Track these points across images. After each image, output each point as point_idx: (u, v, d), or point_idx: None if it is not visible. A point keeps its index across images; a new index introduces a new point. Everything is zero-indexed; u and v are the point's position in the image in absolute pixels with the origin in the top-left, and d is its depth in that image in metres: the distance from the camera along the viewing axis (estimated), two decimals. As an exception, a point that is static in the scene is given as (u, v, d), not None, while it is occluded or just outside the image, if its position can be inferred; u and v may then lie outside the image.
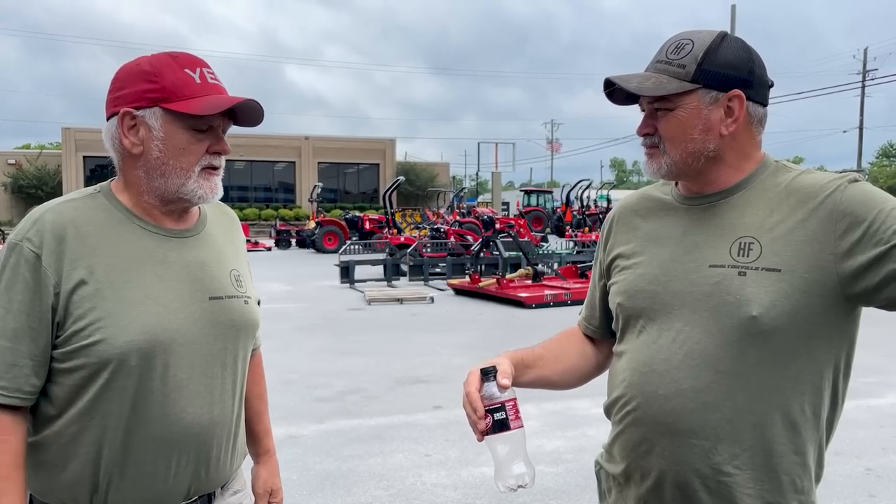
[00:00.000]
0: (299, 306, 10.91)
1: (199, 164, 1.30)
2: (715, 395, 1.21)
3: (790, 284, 1.17)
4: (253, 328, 1.44)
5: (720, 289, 1.21)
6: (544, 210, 34.31)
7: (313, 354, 7.46)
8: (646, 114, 1.30)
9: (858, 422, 4.93)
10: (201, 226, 1.42)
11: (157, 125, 1.27)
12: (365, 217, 26.45)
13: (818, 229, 1.17)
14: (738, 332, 1.19)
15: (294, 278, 15.18)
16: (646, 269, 1.33)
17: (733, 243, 1.23)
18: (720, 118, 1.24)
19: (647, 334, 1.30)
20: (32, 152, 41.33)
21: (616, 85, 1.28)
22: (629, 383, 1.31)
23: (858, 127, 42.03)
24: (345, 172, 43.52)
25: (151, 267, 1.29)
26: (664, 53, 1.27)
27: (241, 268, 1.45)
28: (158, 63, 1.28)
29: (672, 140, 1.26)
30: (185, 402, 1.29)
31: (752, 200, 1.25)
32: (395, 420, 5.13)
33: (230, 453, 1.40)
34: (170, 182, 1.29)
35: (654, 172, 1.31)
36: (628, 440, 1.31)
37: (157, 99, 1.26)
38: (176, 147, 1.28)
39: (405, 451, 4.49)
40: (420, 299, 11.57)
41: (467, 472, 4.13)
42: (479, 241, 14.32)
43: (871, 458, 4.32)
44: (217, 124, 1.31)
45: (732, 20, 24.78)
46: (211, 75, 1.31)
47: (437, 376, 6.45)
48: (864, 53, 42.80)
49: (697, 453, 1.22)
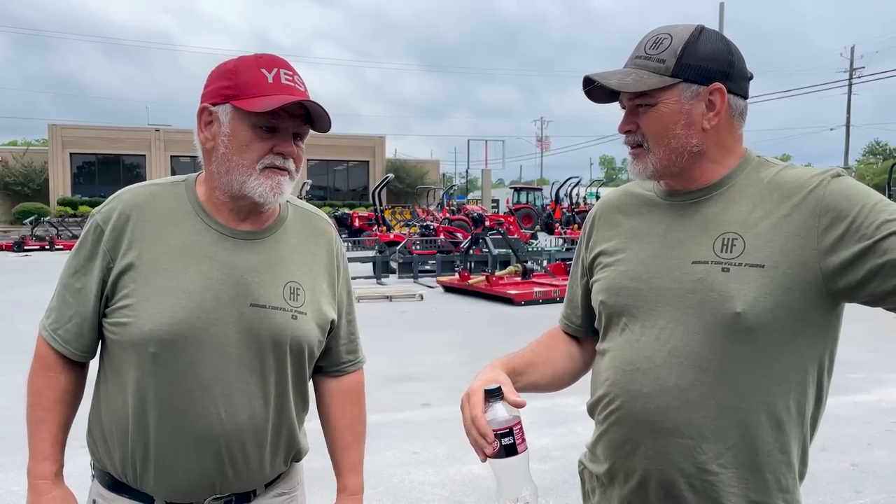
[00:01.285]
0: (288, 304, 10.85)
1: (261, 162, 1.30)
2: (699, 393, 1.20)
3: (774, 280, 1.16)
4: (297, 345, 1.38)
5: (703, 285, 1.20)
6: (534, 207, 34.33)
7: (302, 352, 7.42)
8: (626, 111, 1.29)
9: (844, 418, 4.96)
10: (270, 231, 1.40)
11: (225, 121, 1.30)
12: (354, 214, 26.40)
13: (801, 225, 1.16)
14: (722, 328, 1.18)
15: (283, 276, 15.09)
16: (628, 266, 1.31)
17: (716, 239, 1.21)
18: (702, 112, 1.23)
19: (630, 332, 1.28)
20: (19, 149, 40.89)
21: (596, 83, 1.27)
22: (612, 382, 1.29)
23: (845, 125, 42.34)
24: (334, 170, 43.39)
25: (197, 262, 1.31)
26: (643, 49, 1.26)
27: (306, 282, 1.40)
28: (241, 62, 1.32)
29: (655, 136, 1.24)
30: (208, 401, 1.29)
31: (736, 196, 1.24)
32: (383, 418, 5.11)
33: (263, 460, 1.38)
34: (234, 178, 1.31)
35: (640, 173, 1.29)
36: (612, 440, 1.30)
37: (230, 96, 1.29)
38: (239, 143, 1.29)
39: (393, 448, 4.48)
40: (409, 297, 11.55)
41: (455, 469, 4.12)
42: (469, 239, 14.32)
43: (857, 454, 4.34)
44: (286, 126, 1.31)
45: (721, 18, 24.88)
46: (288, 77, 1.31)
47: (427, 374, 6.44)
48: (850, 52, 43.11)
49: (682, 452, 1.21)
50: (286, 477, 1.48)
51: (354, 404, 1.56)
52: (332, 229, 1.54)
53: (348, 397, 1.55)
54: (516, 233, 20.69)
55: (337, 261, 1.50)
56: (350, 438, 1.54)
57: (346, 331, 1.53)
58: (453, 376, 6.32)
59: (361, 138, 44.38)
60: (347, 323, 1.54)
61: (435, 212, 27.79)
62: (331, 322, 1.46)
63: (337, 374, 1.53)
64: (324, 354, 1.50)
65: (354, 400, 1.56)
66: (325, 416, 1.54)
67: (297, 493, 1.52)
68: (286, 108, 1.27)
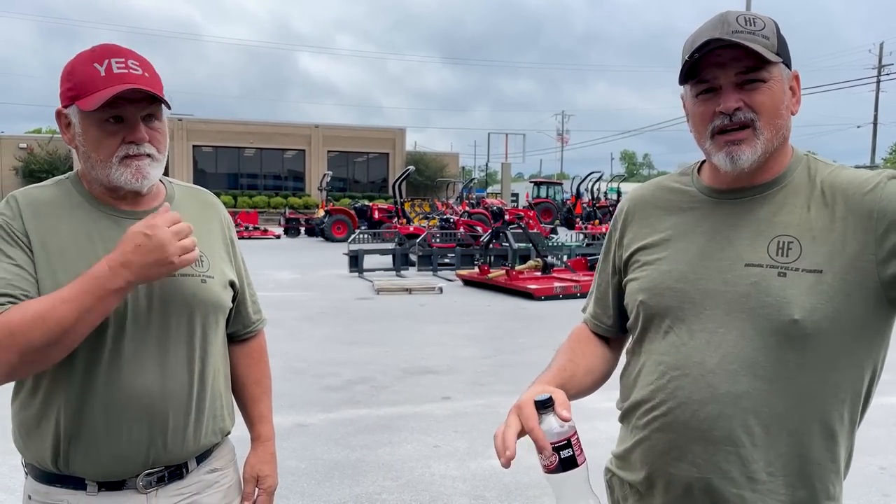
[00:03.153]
0: (308, 295, 10.89)
1: (116, 154, 1.32)
2: (753, 402, 1.15)
3: (832, 287, 1.12)
4: (210, 306, 1.44)
5: (758, 290, 1.15)
6: (554, 202, 34.19)
7: (321, 343, 7.45)
8: (727, 89, 1.17)
9: (871, 420, 4.84)
10: None
11: (76, 122, 1.33)
12: (374, 206, 26.43)
13: (858, 229, 1.12)
14: (778, 335, 1.13)
15: (302, 267, 15.18)
16: (672, 265, 1.25)
17: (771, 241, 1.17)
18: (790, 96, 1.20)
19: (676, 335, 1.22)
20: (44, 137, 41.41)
21: (704, 48, 1.14)
22: (656, 387, 1.23)
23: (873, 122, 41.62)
24: (354, 161, 43.49)
25: (102, 244, 1.33)
26: (736, 24, 1.15)
27: (206, 249, 1.47)
28: (77, 60, 1.33)
29: (768, 114, 1.16)
30: (132, 372, 1.33)
31: (789, 196, 1.19)
32: (403, 410, 5.11)
33: (193, 427, 1.42)
34: (99, 173, 1.34)
35: (749, 160, 1.17)
36: (653, 447, 1.24)
37: (73, 97, 1.31)
38: (92, 141, 1.32)
39: (414, 441, 4.47)
40: (429, 290, 11.54)
41: (476, 464, 4.11)
42: (489, 232, 14.27)
43: (884, 457, 4.26)
44: (130, 113, 1.31)
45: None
46: (120, 65, 1.30)
47: (446, 367, 6.42)
48: (879, 48, 42.33)
49: (732, 461, 1.16)
50: (217, 452, 1.52)
51: (260, 361, 1.69)
52: (218, 200, 1.63)
53: (254, 356, 1.68)
54: (536, 227, 20.61)
55: (228, 229, 1.59)
56: (259, 392, 1.68)
57: (249, 292, 1.64)
58: (473, 370, 6.30)
59: (382, 130, 44.41)
60: (248, 286, 1.64)
61: (454, 205, 27.75)
62: (233, 284, 1.53)
63: (248, 335, 1.65)
64: (237, 318, 1.60)
65: (260, 358, 1.69)
66: (235, 376, 1.64)
67: (229, 470, 1.56)
68: (126, 95, 1.28)
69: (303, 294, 10.94)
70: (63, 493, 1.35)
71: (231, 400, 1.58)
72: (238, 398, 1.67)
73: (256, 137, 40.49)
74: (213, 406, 1.48)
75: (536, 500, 3.63)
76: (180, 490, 1.43)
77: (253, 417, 1.68)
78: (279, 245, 22.51)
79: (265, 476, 1.64)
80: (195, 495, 1.46)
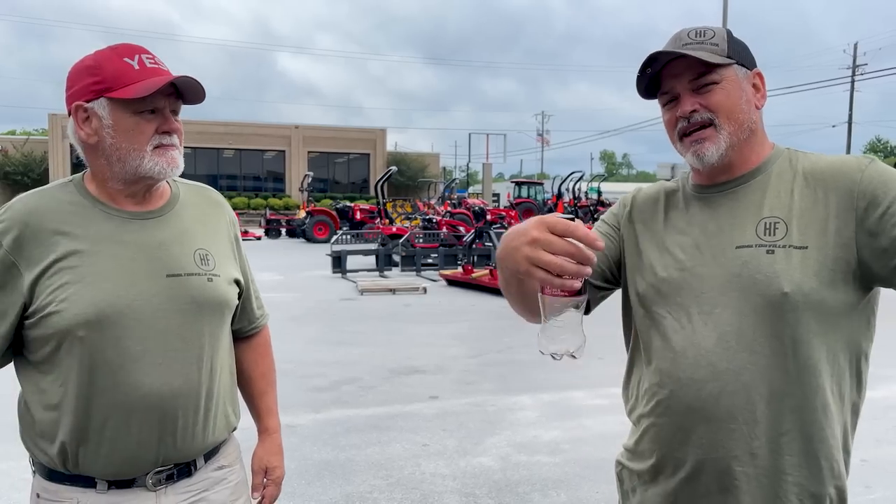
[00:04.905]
0: (291, 296, 10.87)
1: (151, 143, 1.36)
2: (751, 377, 1.19)
3: (818, 262, 1.17)
4: (218, 305, 1.46)
5: (749, 268, 1.20)
6: (535, 202, 34.30)
7: (307, 344, 7.43)
8: (684, 96, 1.28)
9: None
10: (168, 207, 1.47)
11: (105, 114, 1.34)
12: (356, 207, 26.36)
13: (840, 207, 1.19)
14: (770, 309, 1.18)
15: (285, 268, 15.11)
16: (669, 256, 1.31)
17: (758, 223, 1.23)
18: (752, 92, 1.29)
19: (675, 320, 1.27)
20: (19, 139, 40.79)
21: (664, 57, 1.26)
22: (660, 372, 1.28)
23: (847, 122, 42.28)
24: (335, 162, 43.32)
25: (108, 247, 1.36)
26: (687, 37, 1.28)
27: (212, 247, 1.49)
28: (99, 57, 1.36)
29: (726, 111, 1.26)
30: (140, 372, 1.34)
31: (773, 183, 1.26)
32: (391, 410, 5.12)
33: (202, 425, 1.44)
34: (128, 164, 1.36)
35: (714, 155, 1.25)
36: (660, 431, 1.29)
37: (102, 90, 1.33)
38: (125, 131, 1.35)
39: (402, 440, 4.49)
40: (413, 290, 11.55)
41: (465, 461, 4.13)
42: (472, 232, 14.31)
43: (865, 450, 4.35)
44: (162, 105, 1.37)
45: (724, 14, 24.81)
46: (150, 60, 1.37)
47: (433, 367, 6.44)
48: (853, 48, 43.00)
49: (736, 438, 1.20)
50: (224, 449, 1.54)
51: (266, 356, 1.74)
52: (224, 199, 1.65)
53: (260, 350, 1.72)
54: (518, 227, 20.65)
55: (233, 227, 1.62)
56: (265, 385, 1.72)
57: (253, 289, 1.69)
58: (459, 369, 6.32)
59: (362, 131, 44.29)
60: (252, 282, 1.68)
61: (436, 205, 27.75)
62: (238, 282, 1.56)
63: (253, 331, 1.69)
64: (242, 315, 1.64)
65: (265, 352, 1.74)
66: (241, 371, 1.67)
67: (236, 466, 1.58)
68: (160, 89, 1.33)
69: (286, 295, 10.92)
70: (73, 492, 1.36)
71: (237, 396, 1.60)
72: (245, 392, 1.70)
73: (236, 138, 40.17)
74: (222, 403, 1.50)
75: (526, 496, 3.66)
76: (189, 487, 1.44)
77: (260, 410, 1.71)
78: (260, 246, 22.36)
79: (274, 467, 1.68)
80: (203, 492, 1.47)
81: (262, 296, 1.77)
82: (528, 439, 4.53)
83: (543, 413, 5.05)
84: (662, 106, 1.32)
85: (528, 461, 4.15)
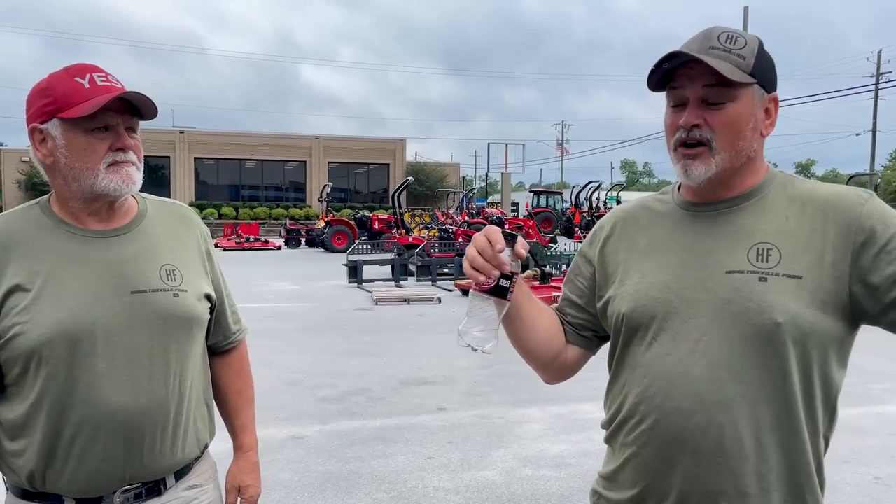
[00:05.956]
0: (306, 306, 10.89)
1: (104, 161, 1.36)
2: (740, 409, 1.14)
3: (811, 293, 1.13)
4: (185, 320, 1.45)
5: (740, 295, 1.15)
6: (553, 211, 34.20)
7: (319, 354, 7.45)
8: (692, 104, 1.19)
9: (866, 429, 4.86)
10: (135, 224, 1.47)
11: (58, 134, 1.35)
12: (374, 217, 26.46)
13: (837, 241, 1.14)
14: (761, 340, 1.13)
15: (302, 278, 15.19)
16: (655, 277, 1.25)
17: (751, 248, 1.17)
18: (762, 118, 1.21)
19: (660, 346, 1.21)
20: (45, 150, 41.47)
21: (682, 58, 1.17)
22: (642, 400, 1.22)
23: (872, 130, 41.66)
24: (355, 172, 43.56)
25: (71, 266, 1.36)
26: (716, 40, 1.17)
27: (180, 263, 1.48)
28: (52, 78, 1.37)
29: (728, 136, 1.17)
30: (107, 390, 1.34)
31: (767, 207, 1.21)
32: (398, 422, 5.11)
33: (171, 442, 1.43)
34: (83, 183, 1.36)
35: (702, 175, 1.19)
36: (643, 462, 1.22)
37: (54, 111, 1.34)
38: (78, 150, 1.35)
39: (408, 453, 4.47)
40: (427, 300, 11.54)
41: (470, 475, 4.10)
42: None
43: (879, 467, 4.25)
44: (115, 123, 1.37)
45: (745, 21, 24.63)
46: (102, 78, 1.37)
47: (442, 378, 6.42)
48: (877, 56, 42.44)
49: (724, 473, 1.15)
50: (197, 468, 1.52)
51: (241, 372, 1.71)
52: (194, 214, 1.63)
53: (235, 366, 1.70)
54: (535, 236, 20.62)
55: (205, 241, 1.60)
56: (240, 402, 1.70)
57: (228, 303, 1.66)
58: (469, 380, 6.30)
59: (382, 141, 44.51)
60: (227, 297, 1.66)
61: (454, 215, 27.78)
62: (209, 296, 1.54)
63: (228, 346, 1.67)
64: (216, 330, 1.62)
65: (241, 368, 1.71)
66: (217, 387, 1.65)
67: (209, 486, 1.56)
68: (111, 105, 1.33)
69: (301, 305, 10.94)
70: None
71: (211, 412, 1.59)
72: (221, 409, 1.69)
73: (258, 149, 40.58)
74: (192, 420, 1.49)
75: (529, 511, 3.62)
76: None
77: (235, 428, 1.69)
78: (280, 256, 22.52)
79: (247, 486, 1.66)
80: None
81: (278, 306, 1.76)
82: (535, 453, 4.49)
83: (551, 426, 5.01)
84: (669, 104, 1.24)
85: (533, 475, 4.11)
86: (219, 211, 37.69)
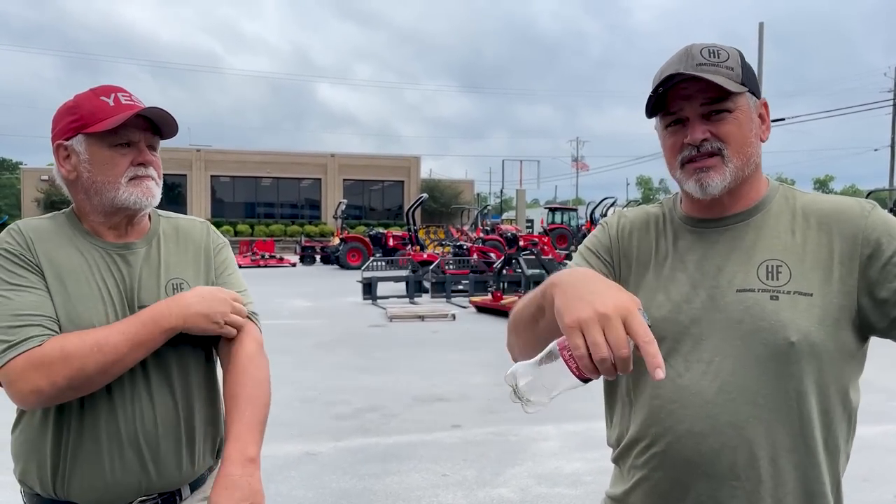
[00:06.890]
0: (321, 322, 10.92)
1: (125, 175, 1.41)
2: (755, 432, 1.12)
3: (823, 310, 1.12)
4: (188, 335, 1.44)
5: (752, 314, 1.13)
6: (569, 228, 34.11)
7: (333, 371, 7.45)
8: (693, 121, 1.19)
9: (887, 447, 4.78)
10: (147, 241, 1.51)
11: (82, 149, 1.41)
12: (389, 234, 26.53)
13: (844, 254, 1.13)
14: (775, 360, 1.11)
15: (317, 294, 15.24)
16: (663, 295, 1.22)
17: (760, 266, 1.16)
18: (759, 124, 1.23)
19: (671, 367, 1.17)
20: (65, 169, 42.03)
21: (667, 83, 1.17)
22: (653, 423, 1.20)
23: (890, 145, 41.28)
24: (370, 189, 43.80)
25: (87, 277, 1.40)
26: (700, 56, 1.18)
27: (189, 277, 1.51)
28: (78, 98, 1.44)
29: (737, 143, 1.18)
30: (116, 403, 1.37)
31: (771, 222, 1.20)
32: (412, 439, 5.09)
33: (185, 453, 1.44)
34: (105, 196, 1.41)
35: (718, 186, 1.18)
36: (655, 486, 1.20)
37: (79, 127, 1.40)
38: (100, 164, 1.40)
39: (422, 470, 4.45)
40: (442, 316, 11.53)
41: (484, 492, 4.08)
42: (502, 259, 14.26)
43: (901, 486, 4.18)
44: (137, 139, 1.42)
45: (760, 38, 24.59)
46: (126, 98, 1.43)
47: (457, 395, 6.40)
48: (895, 71, 42.17)
49: (739, 497, 1.13)
50: (211, 479, 1.51)
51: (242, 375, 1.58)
52: (205, 226, 1.64)
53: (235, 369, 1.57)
54: (550, 253, 20.56)
55: (219, 253, 1.60)
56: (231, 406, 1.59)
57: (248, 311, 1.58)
58: (484, 397, 6.27)
59: (396, 158, 44.77)
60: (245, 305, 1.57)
61: (469, 231, 27.79)
62: None
63: None
64: None
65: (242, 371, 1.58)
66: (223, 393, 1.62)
67: None
68: (133, 123, 1.39)
69: (316, 322, 10.97)
70: None
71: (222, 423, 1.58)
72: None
73: (273, 167, 40.94)
74: (204, 431, 1.50)
75: (544, 529, 3.59)
76: None
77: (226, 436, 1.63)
78: (295, 273, 22.62)
79: None
80: None
81: (293, 322, 1.72)
82: (550, 470, 4.46)
83: (566, 443, 4.97)
84: (664, 127, 1.23)
85: (548, 493, 4.08)
86: (234, 228, 37.98)
